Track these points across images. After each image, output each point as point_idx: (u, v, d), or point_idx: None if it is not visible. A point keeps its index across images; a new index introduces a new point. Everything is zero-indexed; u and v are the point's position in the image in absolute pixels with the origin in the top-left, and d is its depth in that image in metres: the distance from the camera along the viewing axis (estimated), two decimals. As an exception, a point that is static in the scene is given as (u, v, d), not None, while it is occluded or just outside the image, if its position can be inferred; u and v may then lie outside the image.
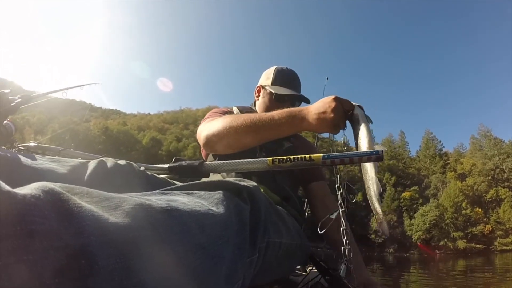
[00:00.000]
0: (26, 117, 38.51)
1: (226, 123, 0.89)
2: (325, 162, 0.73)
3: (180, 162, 0.80)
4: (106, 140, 44.61)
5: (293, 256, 0.81)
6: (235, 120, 0.88)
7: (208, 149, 0.97)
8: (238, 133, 0.87)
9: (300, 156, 0.73)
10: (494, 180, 41.43)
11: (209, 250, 0.34)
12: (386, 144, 55.60)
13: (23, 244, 0.18)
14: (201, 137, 0.97)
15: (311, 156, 0.72)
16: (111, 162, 0.67)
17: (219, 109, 1.21)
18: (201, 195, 0.41)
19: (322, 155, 0.72)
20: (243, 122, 0.87)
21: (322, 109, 0.79)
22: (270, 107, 1.20)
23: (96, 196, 0.27)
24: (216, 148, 0.93)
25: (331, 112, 0.78)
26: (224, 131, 0.89)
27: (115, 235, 0.23)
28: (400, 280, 10.02)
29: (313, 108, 0.82)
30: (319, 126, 0.80)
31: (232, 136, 0.88)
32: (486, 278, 10.23)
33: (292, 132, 0.87)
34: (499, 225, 36.81)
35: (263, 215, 0.53)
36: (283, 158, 0.74)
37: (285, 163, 0.73)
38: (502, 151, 42.77)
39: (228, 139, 0.89)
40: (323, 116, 0.79)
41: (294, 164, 0.73)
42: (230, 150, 0.93)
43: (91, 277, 0.20)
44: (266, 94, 1.24)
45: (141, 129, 57.99)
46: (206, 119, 1.08)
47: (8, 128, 0.87)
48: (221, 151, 0.94)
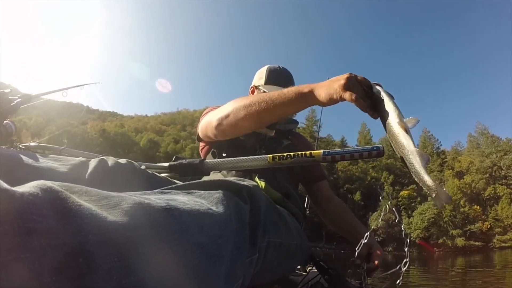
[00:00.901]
0: (23, 120, 38.32)
1: (238, 104, 0.85)
2: (325, 159, 0.74)
3: (180, 161, 0.81)
4: (103, 142, 44.45)
5: (293, 256, 0.81)
6: (246, 99, 0.84)
7: (222, 135, 0.91)
8: (252, 111, 0.81)
9: (300, 153, 0.74)
10: (491, 178, 41.58)
11: (208, 250, 0.33)
12: (383, 143, 55.79)
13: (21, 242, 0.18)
14: (213, 124, 0.91)
15: (312, 153, 0.73)
16: (112, 160, 0.67)
17: (216, 106, 1.21)
18: (200, 195, 0.41)
19: (322, 151, 0.73)
20: (252, 100, 0.82)
21: (334, 79, 0.72)
22: None
23: (95, 194, 0.27)
24: (232, 130, 0.88)
25: (342, 79, 0.69)
26: (238, 111, 0.84)
27: (113, 233, 0.23)
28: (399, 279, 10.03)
29: (324, 82, 0.75)
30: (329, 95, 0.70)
31: (246, 115, 0.83)
32: (485, 276, 10.27)
33: (302, 108, 0.79)
34: (497, 222, 36.94)
35: (263, 215, 0.53)
36: (283, 155, 0.75)
37: (285, 160, 0.74)
38: (499, 148, 42.95)
39: (243, 119, 0.84)
40: (333, 84, 0.70)
41: (294, 161, 0.74)
42: (247, 130, 0.89)
43: (89, 275, 0.20)
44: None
45: (138, 131, 57.78)
46: (207, 114, 1.07)
47: (8, 128, 0.87)
48: (237, 133, 0.90)
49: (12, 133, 0.88)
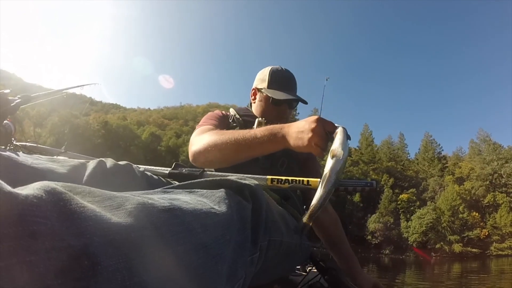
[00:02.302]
0: (26, 110, 38.51)
1: (211, 141, 0.91)
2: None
3: (180, 169, 0.80)
4: (105, 134, 44.54)
5: (293, 256, 0.81)
6: (220, 139, 0.90)
7: (196, 164, 0.98)
8: (222, 151, 0.89)
9: (298, 179, 0.78)
10: (492, 185, 41.60)
11: (211, 249, 0.33)
12: (385, 145, 55.77)
13: (25, 245, 0.18)
14: (190, 151, 0.99)
15: (309, 181, 0.77)
16: (111, 162, 0.67)
17: (215, 113, 1.21)
18: (203, 194, 0.41)
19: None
20: (227, 140, 0.88)
21: (302, 128, 0.78)
22: (267, 110, 1.21)
23: (98, 195, 0.27)
24: (202, 164, 0.95)
25: (309, 132, 0.75)
26: (208, 149, 0.91)
27: (117, 235, 0.23)
28: (395, 282, 10.06)
29: (294, 126, 0.81)
30: (298, 146, 0.78)
31: (216, 154, 0.90)
32: (481, 281, 10.29)
33: (274, 150, 0.86)
34: (495, 230, 36.99)
35: (264, 214, 0.53)
36: (282, 179, 0.79)
37: (283, 184, 0.78)
38: (500, 156, 42.95)
39: (212, 157, 0.92)
40: (301, 135, 0.77)
41: (292, 186, 0.77)
42: (216, 166, 0.96)
43: (93, 277, 0.20)
44: (263, 98, 1.22)
45: (140, 124, 57.91)
46: (199, 127, 1.10)
47: (7, 128, 0.86)
48: (207, 167, 0.95)
49: (12, 133, 0.88)
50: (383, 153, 53.26)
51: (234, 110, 1.24)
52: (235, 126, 1.18)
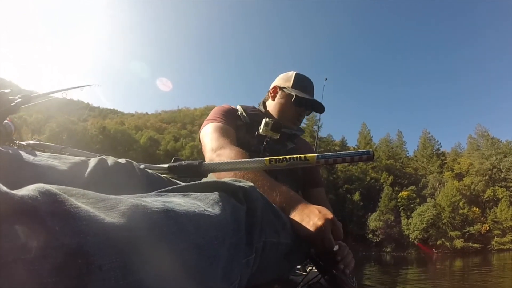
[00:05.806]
0: (24, 117, 38.33)
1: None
2: (319, 162, 0.75)
3: (179, 162, 0.81)
4: (103, 139, 44.44)
5: (292, 256, 0.81)
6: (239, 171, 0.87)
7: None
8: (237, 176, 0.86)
9: (295, 156, 0.76)
10: (491, 180, 41.67)
11: (205, 250, 0.34)
12: (383, 143, 55.82)
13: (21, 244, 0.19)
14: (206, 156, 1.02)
15: (306, 156, 0.75)
16: (112, 160, 0.68)
17: (223, 107, 1.22)
18: (197, 196, 0.41)
19: (316, 155, 0.74)
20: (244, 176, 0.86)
21: (313, 219, 0.75)
22: (286, 109, 1.24)
23: (93, 197, 0.28)
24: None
25: (314, 227, 0.74)
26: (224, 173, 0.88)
27: (111, 234, 0.24)
28: (397, 279, 10.06)
29: (308, 210, 0.78)
30: (298, 229, 0.76)
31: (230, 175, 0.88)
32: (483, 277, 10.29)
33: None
34: (496, 224, 37.04)
35: (259, 215, 0.53)
36: (279, 158, 0.76)
37: (281, 163, 0.76)
38: (499, 151, 43.04)
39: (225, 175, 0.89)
40: (305, 224, 0.75)
41: (290, 164, 0.75)
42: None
43: (88, 276, 0.21)
44: (284, 96, 1.25)
45: (138, 128, 57.79)
46: (209, 122, 1.11)
47: (7, 127, 0.87)
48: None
49: (12, 133, 0.89)
50: (381, 151, 53.25)
51: (241, 108, 1.25)
52: (241, 124, 1.19)
